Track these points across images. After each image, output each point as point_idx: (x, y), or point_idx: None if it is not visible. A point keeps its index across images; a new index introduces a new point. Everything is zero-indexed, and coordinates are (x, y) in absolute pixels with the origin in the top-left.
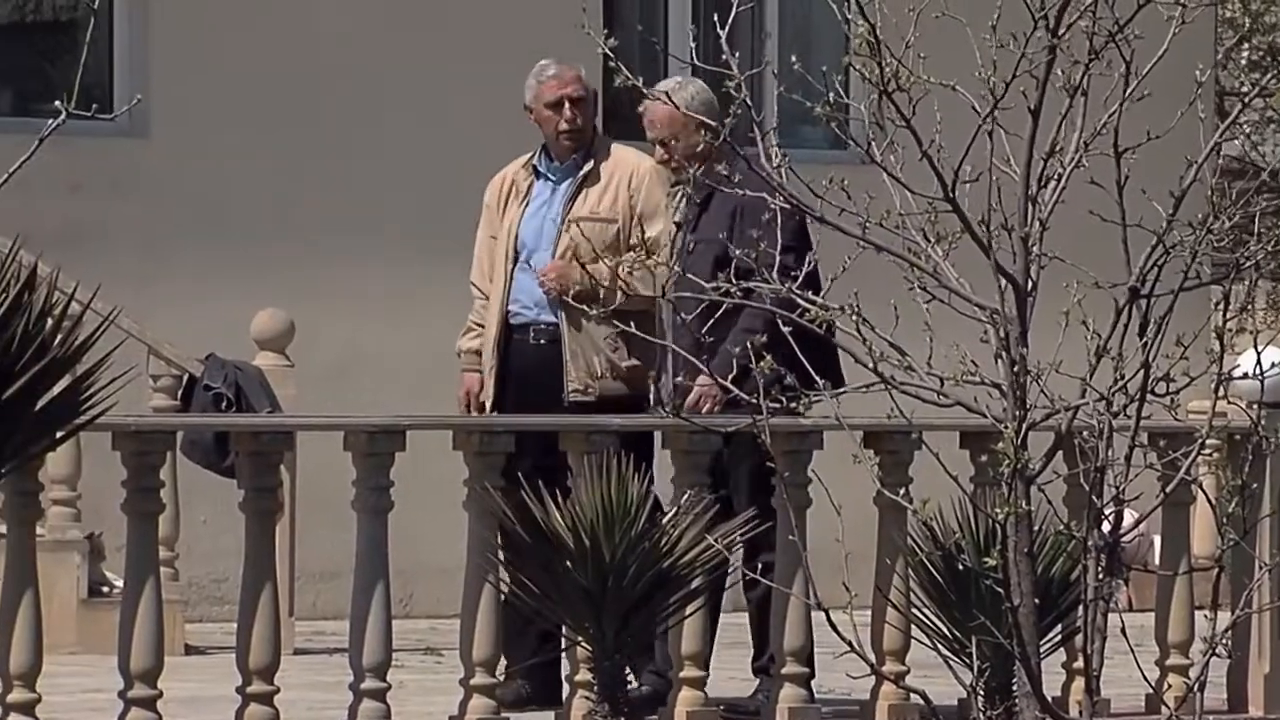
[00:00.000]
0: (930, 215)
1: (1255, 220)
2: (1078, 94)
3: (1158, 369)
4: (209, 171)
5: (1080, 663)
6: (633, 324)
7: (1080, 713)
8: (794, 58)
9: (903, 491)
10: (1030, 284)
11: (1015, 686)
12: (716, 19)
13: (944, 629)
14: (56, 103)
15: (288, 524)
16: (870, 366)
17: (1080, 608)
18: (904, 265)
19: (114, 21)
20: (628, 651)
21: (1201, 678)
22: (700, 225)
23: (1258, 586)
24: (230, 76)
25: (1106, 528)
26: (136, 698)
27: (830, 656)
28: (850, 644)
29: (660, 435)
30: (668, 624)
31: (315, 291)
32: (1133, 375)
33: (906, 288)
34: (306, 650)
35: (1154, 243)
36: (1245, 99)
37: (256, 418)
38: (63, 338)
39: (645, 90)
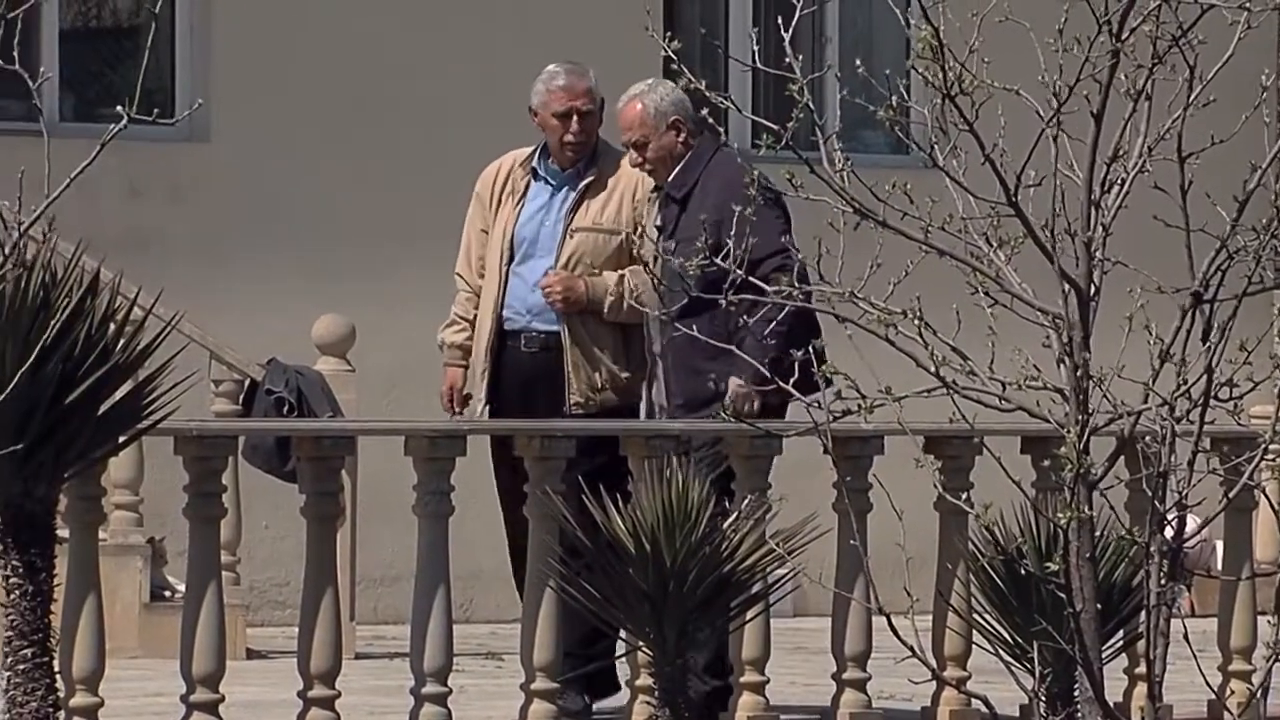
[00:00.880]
0: (993, 220)
1: None
2: (1141, 98)
3: (1221, 374)
4: (270, 176)
5: (1143, 668)
6: (630, 336)
7: (1143, 719)
8: (858, 61)
9: (964, 496)
10: (1093, 289)
11: (1077, 692)
12: (780, 21)
13: (1005, 634)
14: (119, 108)
15: (349, 528)
16: (932, 371)
17: (1142, 613)
18: (966, 270)
19: (175, 27)
20: (689, 656)
21: (1264, 683)
22: (679, 227)
23: None
24: (291, 81)
25: (1169, 533)
26: (198, 702)
27: (891, 661)
28: (912, 649)
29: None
30: (729, 628)
31: (376, 296)
32: (1196, 380)
33: (969, 292)
34: (367, 655)
35: (1218, 247)
36: None
37: (318, 422)
38: (125, 343)
39: (707, 92)
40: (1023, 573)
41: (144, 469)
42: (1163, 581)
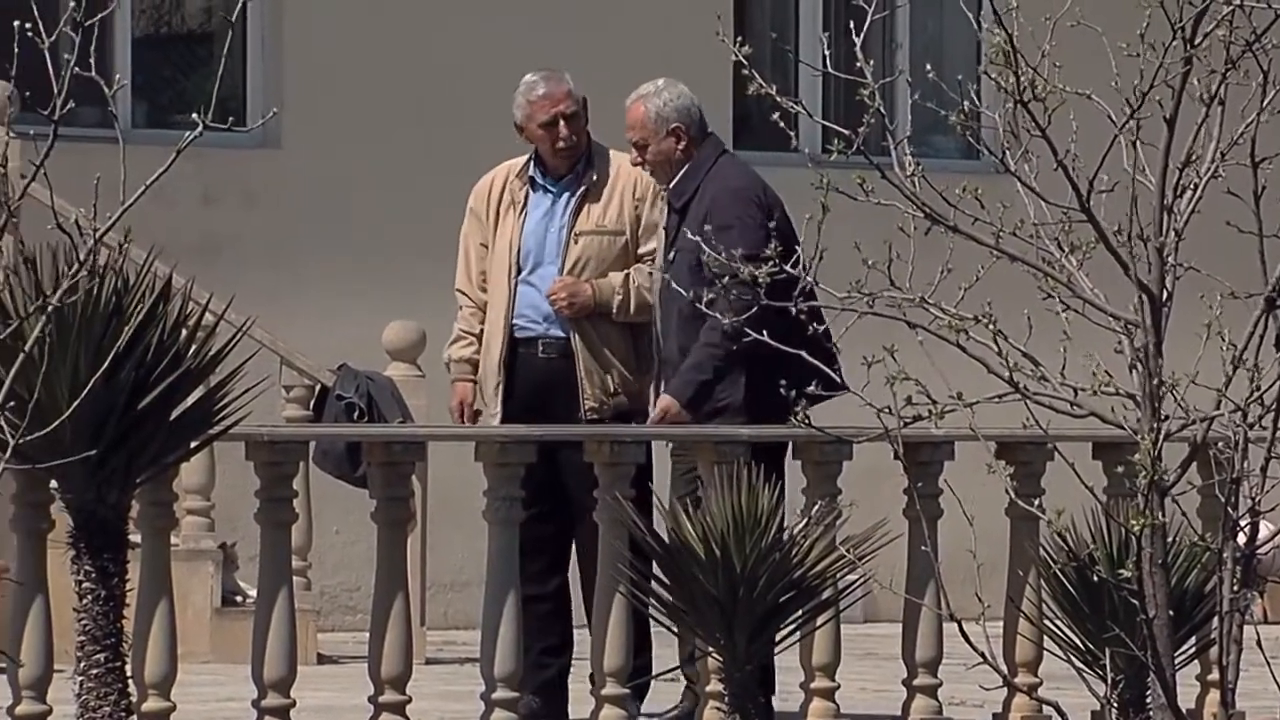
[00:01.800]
0: (1065, 225)
1: None
2: (1214, 103)
3: None
4: (341, 183)
5: (1215, 675)
6: (639, 339)
7: None
8: (928, 66)
9: (1036, 502)
10: (1165, 294)
11: (1150, 699)
12: (851, 25)
13: (1077, 641)
14: (193, 115)
15: (419, 534)
16: (1005, 377)
17: (1215, 619)
18: (1038, 275)
19: (248, 35)
20: (758, 661)
21: None
22: (679, 237)
23: None
24: (362, 89)
25: (1241, 539)
26: (269, 706)
27: (962, 668)
28: (983, 655)
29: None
30: (799, 635)
31: (447, 302)
32: (1269, 386)
33: (1041, 298)
34: (438, 660)
35: None
36: None
37: (388, 428)
38: (197, 349)
39: (778, 97)
40: (1094, 579)
41: (215, 474)
42: (1235, 588)
